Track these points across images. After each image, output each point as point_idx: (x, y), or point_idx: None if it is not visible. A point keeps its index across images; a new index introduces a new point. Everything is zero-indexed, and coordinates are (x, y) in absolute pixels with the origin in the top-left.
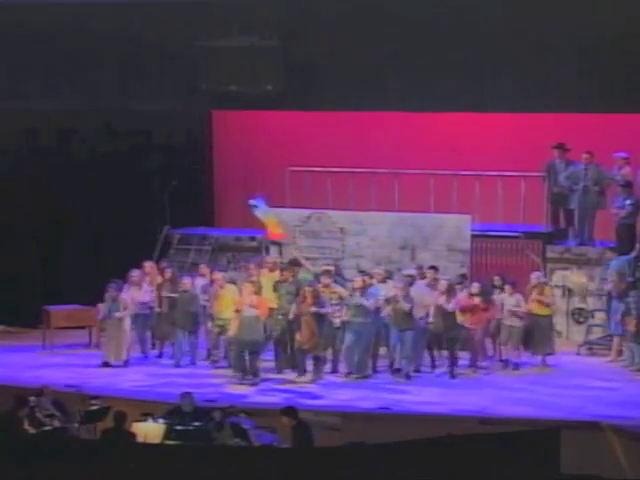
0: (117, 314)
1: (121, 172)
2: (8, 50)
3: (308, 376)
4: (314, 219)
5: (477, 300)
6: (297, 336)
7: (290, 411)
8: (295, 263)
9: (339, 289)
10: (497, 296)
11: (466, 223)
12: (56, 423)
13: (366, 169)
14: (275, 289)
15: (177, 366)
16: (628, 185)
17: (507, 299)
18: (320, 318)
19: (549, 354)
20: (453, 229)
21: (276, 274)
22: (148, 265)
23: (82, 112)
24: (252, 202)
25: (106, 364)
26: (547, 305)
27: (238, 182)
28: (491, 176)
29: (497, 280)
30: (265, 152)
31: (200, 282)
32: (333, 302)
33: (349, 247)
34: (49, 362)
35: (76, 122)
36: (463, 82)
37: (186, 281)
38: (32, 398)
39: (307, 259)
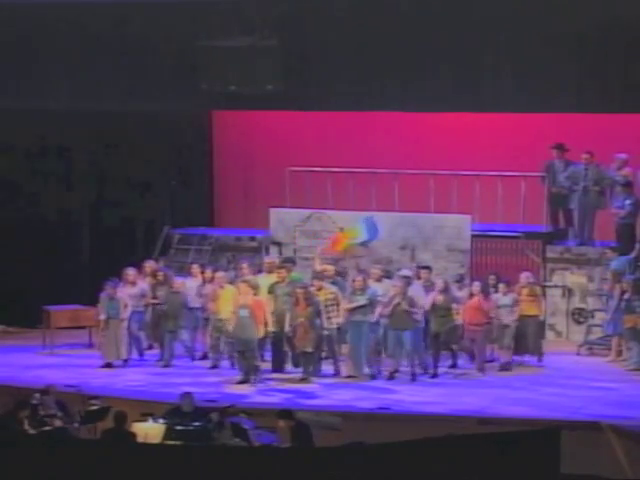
0: (122, 316)
1: (121, 172)
2: (8, 50)
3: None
4: (314, 219)
5: (478, 299)
6: (296, 342)
7: (285, 414)
8: (289, 261)
9: (334, 290)
10: (492, 295)
11: (466, 223)
12: (57, 423)
13: (366, 169)
14: (270, 291)
15: (166, 367)
16: (628, 185)
17: (501, 298)
18: (313, 317)
19: (539, 355)
20: (453, 229)
21: (274, 275)
22: (148, 265)
23: (81, 112)
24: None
25: (108, 365)
26: (536, 305)
27: (238, 182)
28: (491, 176)
29: (492, 279)
30: (265, 152)
31: (192, 283)
32: (328, 303)
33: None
34: (49, 362)
35: (75, 122)
36: (463, 82)
37: (177, 282)
38: (36, 395)
39: (306, 259)
